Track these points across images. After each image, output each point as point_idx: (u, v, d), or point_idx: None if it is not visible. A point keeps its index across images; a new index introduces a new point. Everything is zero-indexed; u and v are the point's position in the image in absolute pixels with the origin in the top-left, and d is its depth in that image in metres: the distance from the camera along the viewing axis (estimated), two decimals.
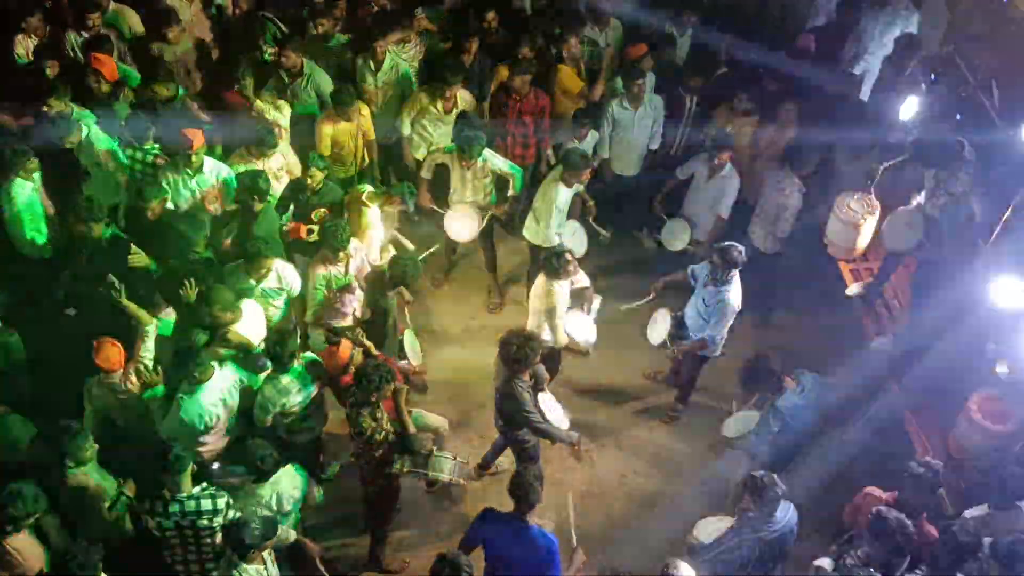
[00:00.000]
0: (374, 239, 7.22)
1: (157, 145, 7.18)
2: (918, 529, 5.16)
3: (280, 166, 7.42)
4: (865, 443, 6.73)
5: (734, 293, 6.65)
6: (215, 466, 5.66)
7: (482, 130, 7.54)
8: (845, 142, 7.68)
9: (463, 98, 8.21)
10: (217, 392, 5.73)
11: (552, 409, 6.24)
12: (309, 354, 6.21)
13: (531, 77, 8.06)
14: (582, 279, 7.05)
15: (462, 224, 7.79)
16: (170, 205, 6.92)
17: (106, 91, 7.56)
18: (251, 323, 6.24)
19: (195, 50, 8.48)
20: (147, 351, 5.75)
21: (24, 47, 8.27)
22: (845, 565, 5.14)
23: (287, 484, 5.43)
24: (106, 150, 7.16)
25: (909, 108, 7.23)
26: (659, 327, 7.01)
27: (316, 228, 6.91)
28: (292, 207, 7.25)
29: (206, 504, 5.07)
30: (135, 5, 8.63)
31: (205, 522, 5.05)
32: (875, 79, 8.44)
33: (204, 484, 5.17)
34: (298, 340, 6.13)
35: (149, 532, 5.10)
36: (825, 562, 5.33)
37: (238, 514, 5.14)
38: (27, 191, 6.72)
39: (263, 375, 5.96)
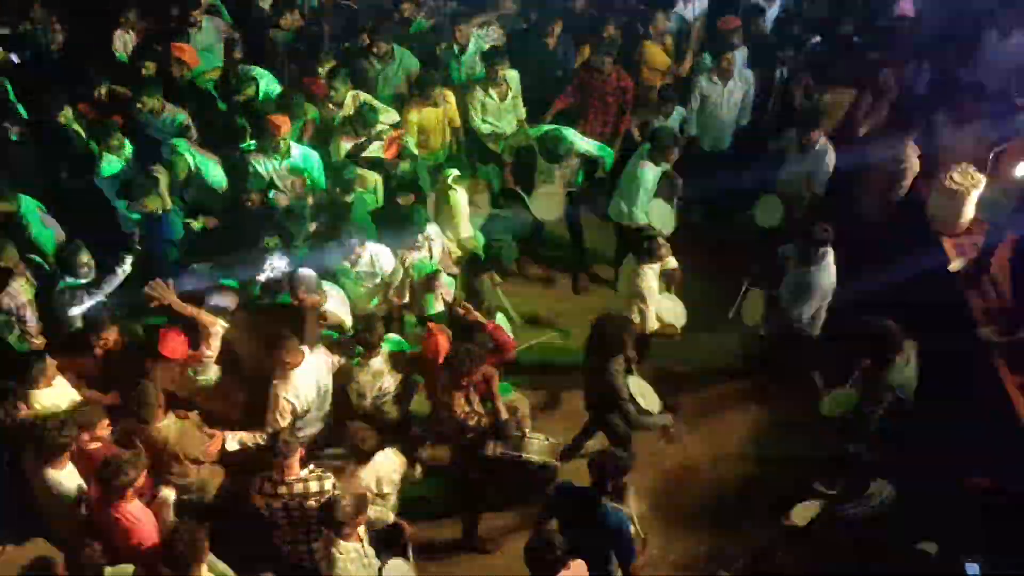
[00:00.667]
0: (463, 223, 7.25)
1: (253, 142, 7.35)
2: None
3: (379, 145, 7.50)
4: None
5: (827, 271, 6.47)
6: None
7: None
8: (949, 112, 7.35)
9: (513, 78, 8.15)
10: (311, 376, 5.83)
11: (643, 392, 6.17)
12: (394, 336, 6.27)
13: (613, 57, 7.95)
14: (671, 260, 6.97)
15: (548, 204, 7.75)
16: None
17: (188, 77, 7.79)
18: (336, 305, 6.33)
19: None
20: (211, 351, 5.85)
21: (122, 42, 8.53)
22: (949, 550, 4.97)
23: (386, 467, 5.50)
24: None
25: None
26: (753, 308, 6.87)
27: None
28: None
29: (313, 486, 5.17)
30: None
31: (313, 503, 5.15)
32: None
33: (311, 467, 5.28)
34: (382, 325, 6.21)
35: (258, 512, 5.23)
36: (929, 546, 5.16)
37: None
38: (113, 166, 6.97)
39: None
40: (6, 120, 7.23)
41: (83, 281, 6.25)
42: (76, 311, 6.14)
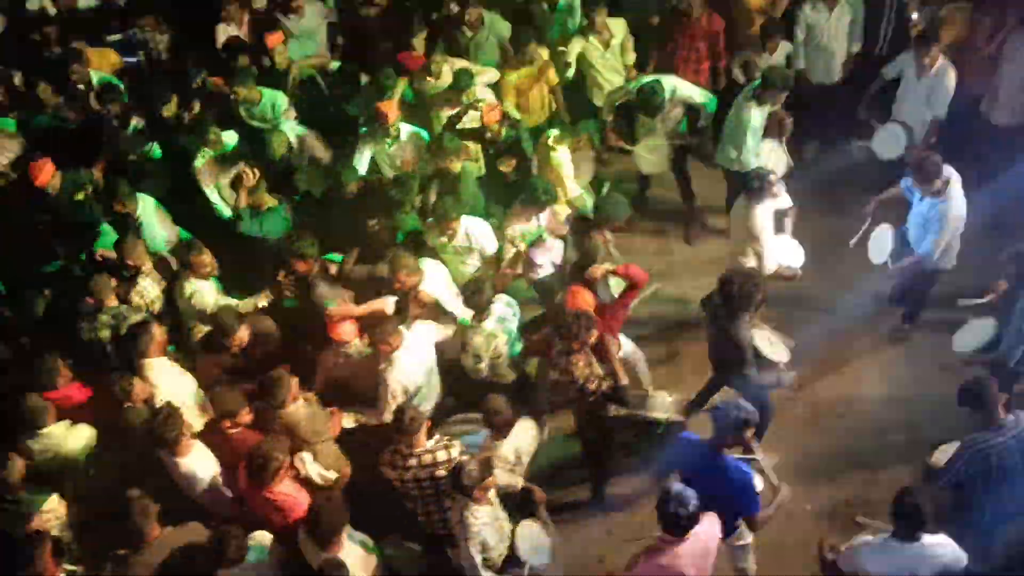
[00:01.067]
0: (568, 183, 7.18)
1: (364, 128, 7.43)
2: None
3: (482, 98, 7.52)
4: None
5: (955, 202, 6.12)
6: None
7: None
8: None
9: (617, 27, 7.93)
10: (415, 354, 5.89)
11: (770, 342, 6.00)
12: (504, 296, 6.29)
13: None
14: (785, 199, 6.74)
15: (653, 157, 7.59)
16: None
17: (285, 64, 7.93)
18: (435, 282, 6.36)
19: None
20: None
21: (225, 35, 8.76)
22: None
23: (523, 438, 5.56)
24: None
25: None
26: (880, 244, 6.57)
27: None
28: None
29: (441, 455, 5.27)
30: None
31: (442, 472, 5.25)
32: None
33: (437, 436, 5.38)
34: (491, 287, 6.23)
35: (390, 484, 5.38)
36: None
37: None
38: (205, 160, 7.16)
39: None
40: (132, 112, 7.57)
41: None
42: None
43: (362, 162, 7.18)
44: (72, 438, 5.58)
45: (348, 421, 5.86)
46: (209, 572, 4.76)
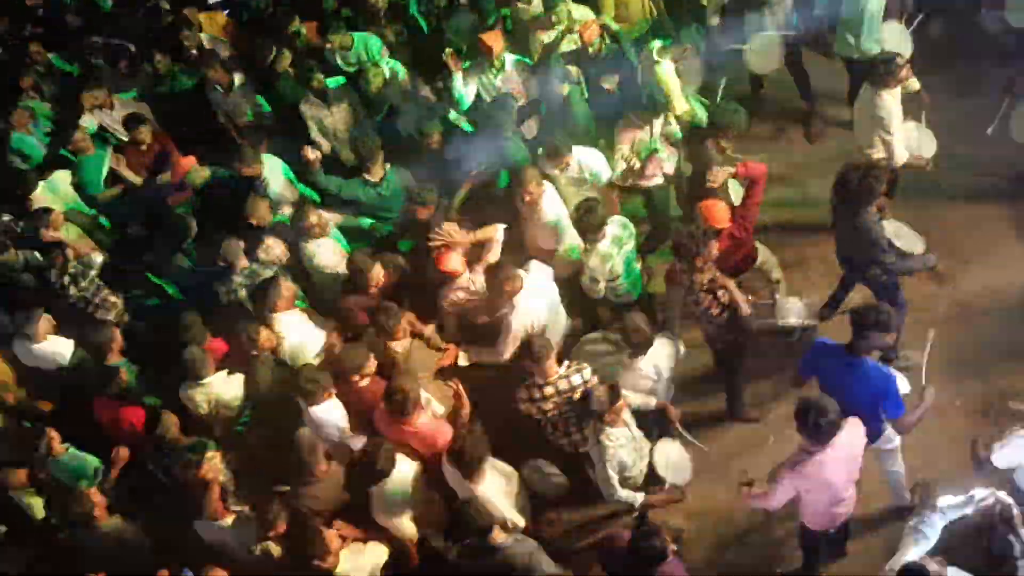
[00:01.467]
0: (676, 98, 6.94)
1: (468, 62, 7.34)
2: None
3: (580, 17, 7.37)
4: None
5: None
6: None
7: None
8: None
9: None
10: (538, 296, 5.87)
11: (901, 234, 5.74)
12: (619, 216, 6.22)
13: None
14: (913, 83, 6.38)
15: (765, 54, 7.25)
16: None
17: (383, 5, 7.90)
18: (551, 202, 6.31)
19: None
20: (494, 256, 6.03)
21: None
22: None
23: (662, 354, 5.55)
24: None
25: None
26: (1022, 122, 6.12)
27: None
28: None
29: (576, 379, 5.33)
30: None
31: (578, 395, 5.30)
32: None
33: (567, 362, 5.42)
34: (603, 209, 6.14)
35: (530, 418, 5.47)
36: None
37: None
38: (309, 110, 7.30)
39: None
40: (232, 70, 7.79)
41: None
42: None
43: (468, 95, 7.15)
44: (230, 386, 5.90)
45: (463, 359, 5.93)
46: (364, 486, 5.04)
